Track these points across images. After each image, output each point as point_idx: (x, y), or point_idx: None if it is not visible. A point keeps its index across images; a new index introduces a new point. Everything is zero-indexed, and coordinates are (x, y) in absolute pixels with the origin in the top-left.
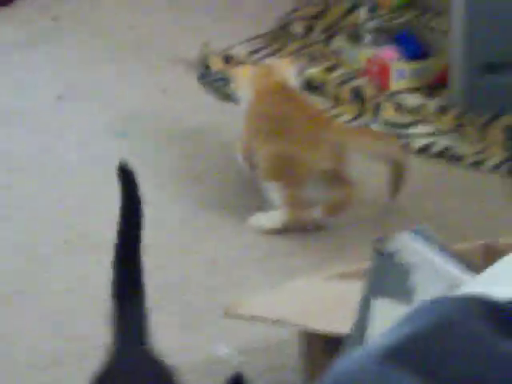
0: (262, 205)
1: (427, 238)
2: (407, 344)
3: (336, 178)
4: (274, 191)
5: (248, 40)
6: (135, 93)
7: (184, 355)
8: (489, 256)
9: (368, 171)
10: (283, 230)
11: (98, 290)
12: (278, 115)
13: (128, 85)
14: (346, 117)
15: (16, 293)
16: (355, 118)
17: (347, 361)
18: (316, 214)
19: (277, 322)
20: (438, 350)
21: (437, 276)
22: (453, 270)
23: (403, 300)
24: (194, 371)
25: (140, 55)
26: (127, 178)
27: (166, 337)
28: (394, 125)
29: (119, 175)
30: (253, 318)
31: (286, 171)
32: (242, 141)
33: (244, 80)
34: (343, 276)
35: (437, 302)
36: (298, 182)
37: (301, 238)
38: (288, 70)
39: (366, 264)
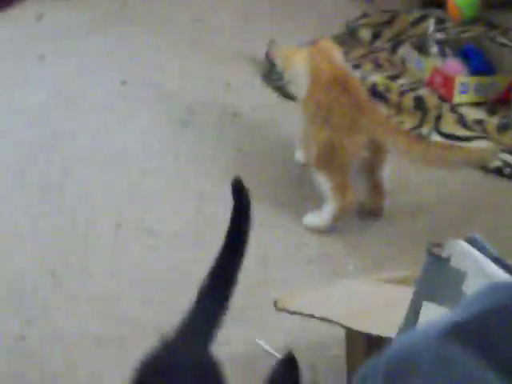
0: (318, 202)
1: (482, 247)
2: (472, 322)
3: (372, 184)
4: (323, 181)
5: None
6: (198, 84)
7: (226, 347)
8: None
9: (424, 179)
10: (334, 228)
11: (144, 275)
12: (326, 102)
13: (192, 75)
14: (407, 125)
15: (65, 274)
16: (415, 128)
17: (413, 334)
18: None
19: (322, 320)
20: (500, 330)
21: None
22: (506, 278)
23: (453, 306)
24: (235, 363)
25: (205, 48)
26: (240, 195)
27: None
28: (453, 137)
29: (233, 191)
30: (299, 314)
31: (330, 158)
32: (301, 130)
33: (300, 66)
34: (392, 280)
35: (506, 284)
36: (341, 169)
37: (352, 242)
38: (337, 53)
39: (416, 271)
